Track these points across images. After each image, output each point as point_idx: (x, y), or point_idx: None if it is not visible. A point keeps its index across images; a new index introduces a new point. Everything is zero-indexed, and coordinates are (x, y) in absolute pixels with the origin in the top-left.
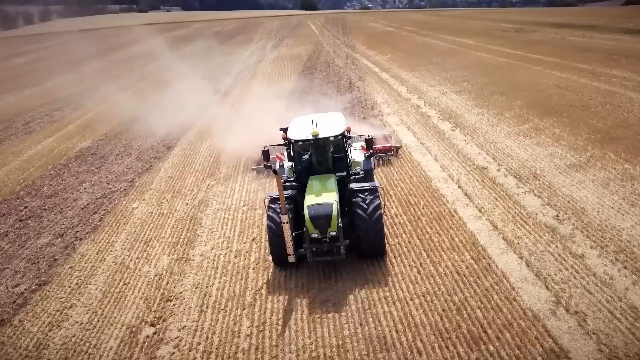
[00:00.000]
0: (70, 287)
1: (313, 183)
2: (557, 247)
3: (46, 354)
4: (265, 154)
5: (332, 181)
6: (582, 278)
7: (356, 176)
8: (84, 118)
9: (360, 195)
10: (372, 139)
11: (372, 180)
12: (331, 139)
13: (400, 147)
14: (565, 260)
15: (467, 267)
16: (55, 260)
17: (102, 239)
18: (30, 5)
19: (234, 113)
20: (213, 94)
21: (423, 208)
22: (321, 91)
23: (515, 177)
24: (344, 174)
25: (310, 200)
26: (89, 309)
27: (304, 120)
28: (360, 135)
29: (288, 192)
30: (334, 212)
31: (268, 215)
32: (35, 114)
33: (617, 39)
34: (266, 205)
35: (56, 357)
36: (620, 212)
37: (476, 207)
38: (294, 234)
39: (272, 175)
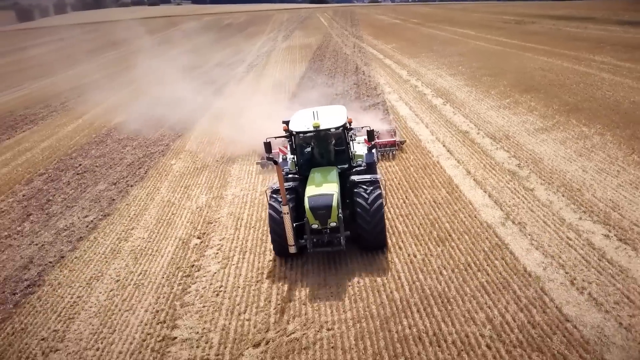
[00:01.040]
0: (129, 217)
1: (314, 175)
2: (514, 184)
3: (120, 256)
4: (267, 146)
5: (333, 173)
6: (528, 202)
7: (358, 168)
8: (113, 99)
9: (361, 186)
10: (373, 130)
11: (374, 172)
12: (332, 130)
13: (404, 141)
14: (518, 192)
15: (442, 198)
16: (114, 200)
17: (149, 185)
18: None
19: (248, 95)
20: (230, 79)
21: (412, 160)
22: (330, 74)
23: (491, 138)
24: (346, 166)
25: (310, 191)
26: (148, 229)
27: (306, 113)
28: (362, 127)
29: (290, 184)
30: (334, 203)
31: (269, 206)
32: (69, 95)
33: (609, 30)
34: (267, 196)
35: (128, 258)
36: (569, 161)
37: (455, 159)
38: (294, 225)
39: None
